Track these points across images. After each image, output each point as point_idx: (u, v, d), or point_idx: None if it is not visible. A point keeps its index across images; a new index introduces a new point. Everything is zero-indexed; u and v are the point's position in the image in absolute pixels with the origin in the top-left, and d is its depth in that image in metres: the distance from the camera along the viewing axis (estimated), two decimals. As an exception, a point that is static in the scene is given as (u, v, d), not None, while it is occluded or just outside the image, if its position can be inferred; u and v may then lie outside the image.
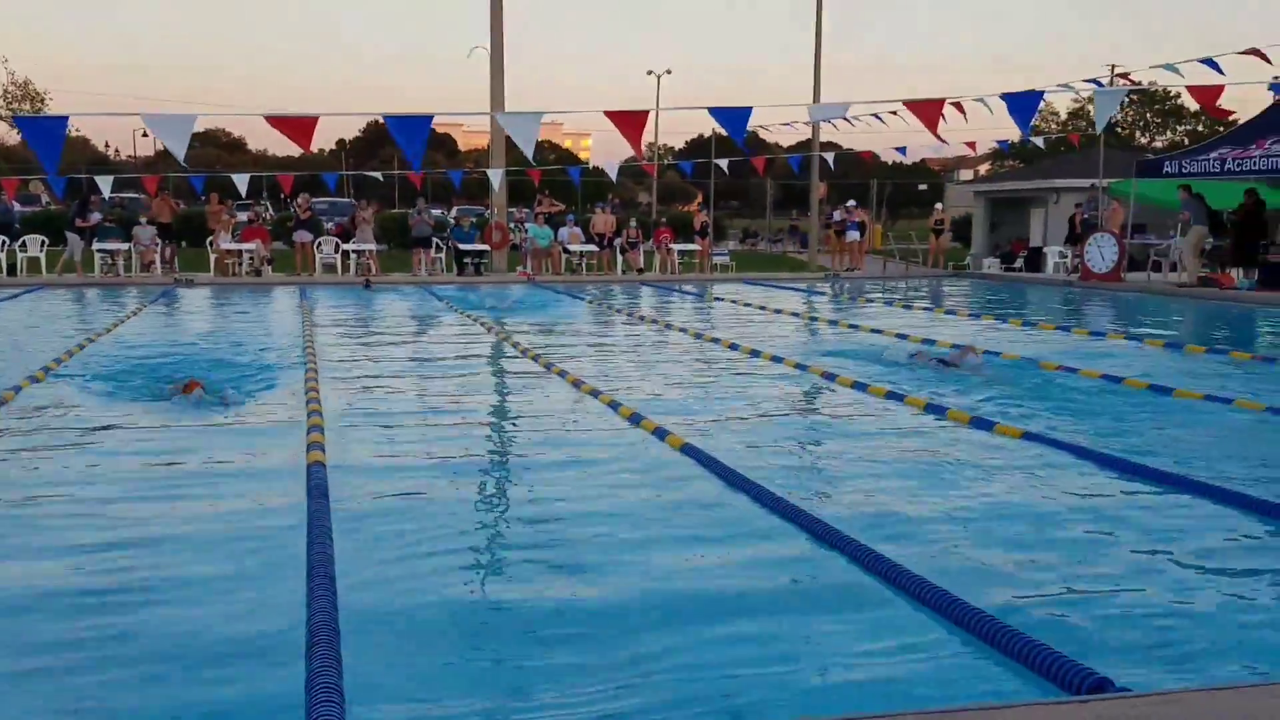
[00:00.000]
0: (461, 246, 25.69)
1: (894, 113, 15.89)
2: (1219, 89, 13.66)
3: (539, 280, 24.35)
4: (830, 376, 10.25)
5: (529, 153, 11.86)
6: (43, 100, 49.34)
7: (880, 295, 21.42)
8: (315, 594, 4.33)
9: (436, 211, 33.14)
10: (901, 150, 22.61)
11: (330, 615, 4.08)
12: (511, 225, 27.72)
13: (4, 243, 23.56)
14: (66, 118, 10.71)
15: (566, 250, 26.78)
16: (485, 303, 18.66)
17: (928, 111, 12.21)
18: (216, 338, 13.72)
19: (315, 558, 4.80)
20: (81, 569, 4.85)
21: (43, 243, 24.21)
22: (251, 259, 24.35)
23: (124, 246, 23.69)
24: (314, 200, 29.49)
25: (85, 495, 6.12)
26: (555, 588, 4.67)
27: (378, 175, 30.48)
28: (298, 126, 11.08)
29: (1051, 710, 2.99)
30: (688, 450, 7.11)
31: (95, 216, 24.18)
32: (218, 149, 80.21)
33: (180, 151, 10.10)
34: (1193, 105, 50.66)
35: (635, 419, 8.16)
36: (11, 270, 23.20)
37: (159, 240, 24.17)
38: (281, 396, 9.34)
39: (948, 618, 4.15)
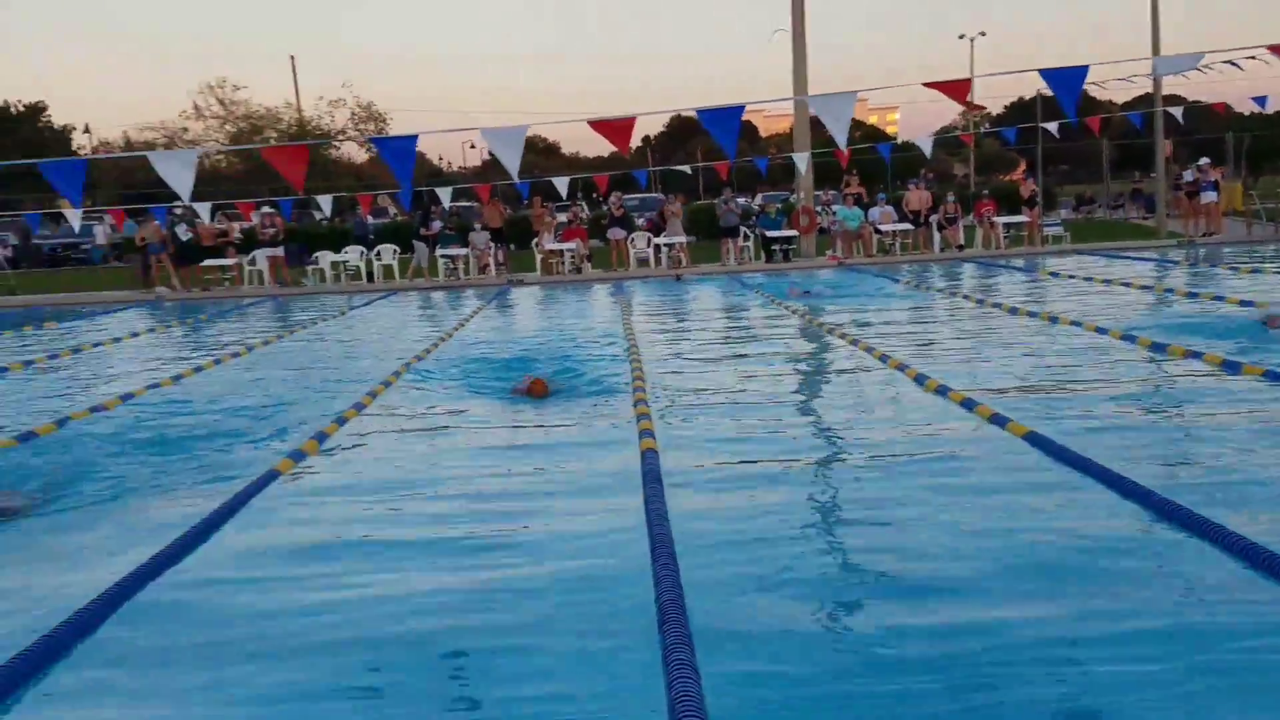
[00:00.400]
0: (769, 234, 25.55)
1: (1252, 58, 14.09)
2: None
3: (849, 263, 23.81)
4: (1195, 354, 9.25)
5: (841, 137, 11.34)
6: (385, 121, 53.70)
7: (1247, 262, 19.25)
8: (661, 573, 4.40)
9: (742, 200, 33.19)
10: (1260, 100, 20.12)
11: (677, 592, 4.14)
12: (819, 209, 27.25)
13: (363, 253, 25.89)
14: (416, 136, 11.37)
15: (878, 231, 26.03)
16: (796, 289, 18.40)
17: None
18: (548, 334, 14.34)
19: (656, 539, 4.90)
20: (444, 566, 5.08)
21: (394, 251, 26.34)
22: (573, 257, 25.38)
23: (463, 252, 25.37)
24: (625, 197, 30.31)
25: (443, 490, 6.48)
26: (893, 597, 4.41)
27: (685, 169, 30.86)
28: (616, 128, 11.31)
29: None
30: (1033, 439, 6.59)
31: (436, 225, 26.04)
32: (535, 154, 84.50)
33: (514, 162, 10.53)
34: None
35: (968, 404, 7.69)
36: (370, 277, 25.42)
37: (492, 244, 25.69)
38: (610, 386, 9.60)
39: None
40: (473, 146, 74.69)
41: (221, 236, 25.53)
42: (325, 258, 25.59)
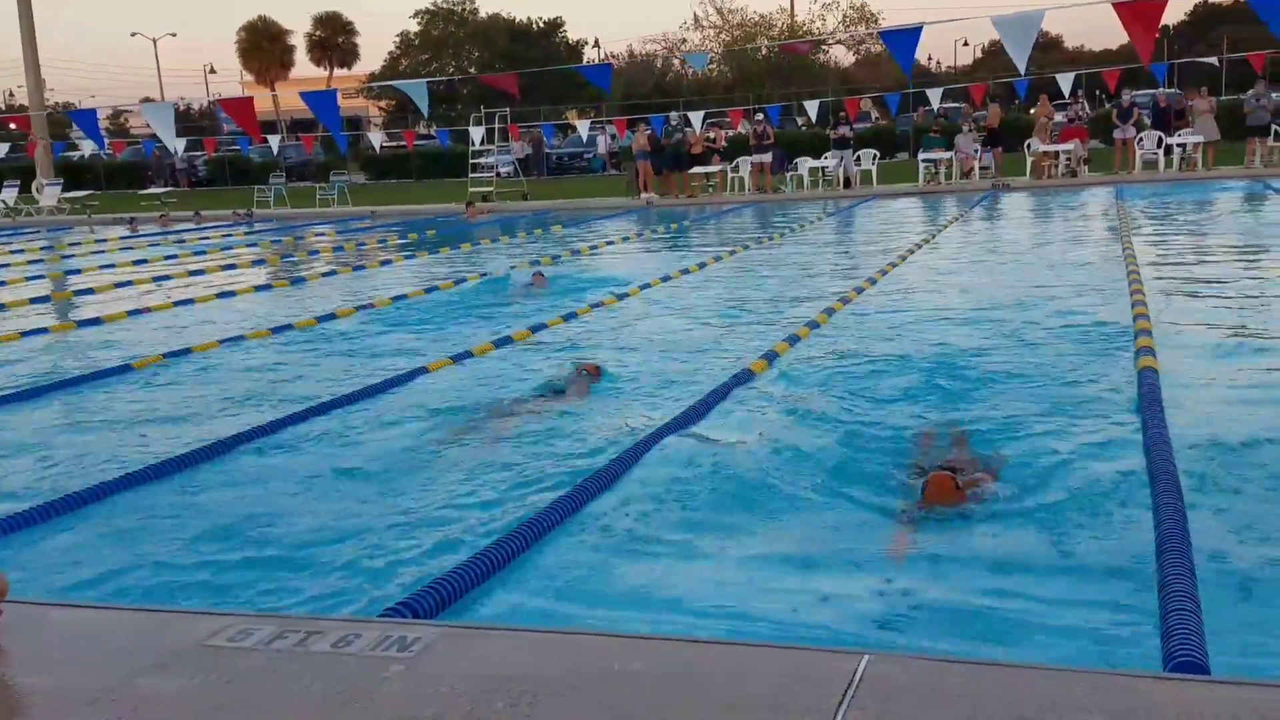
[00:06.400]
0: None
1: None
2: None
3: None
4: None
5: None
6: (876, 21, 52.78)
7: None
8: (1160, 501, 4.03)
9: (1275, 95, 28.69)
10: None
11: (1180, 524, 3.77)
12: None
13: (841, 159, 25.47)
14: (920, 27, 11.05)
15: None
16: None
17: None
18: (1034, 240, 13.34)
19: (1156, 465, 4.46)
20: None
21: (875, 156, 25.76)
22: (1068, 159, 23.43)
23: (945, 155, 24.29)
24: (1135, 94, 27.30)
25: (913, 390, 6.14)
26: None
27: (1211, 60, 27.15)
28: (1143, 11, 10.08)
29: None
30: None
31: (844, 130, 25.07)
32: (1035, 50, 78.68)
33: (1023, 54, 10.03)
34: None
35: None
36: (847, 183, 25.01)
37: (978, 146, 24.33)
38: (1103, 299, 8.73)
39: None
40: (965, 43, 71.14)
41: (709, 143, 26.38)
42: (804, 164, 25.60)
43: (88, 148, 32.24)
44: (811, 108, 27.93)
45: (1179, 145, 22.71)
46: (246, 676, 2.61)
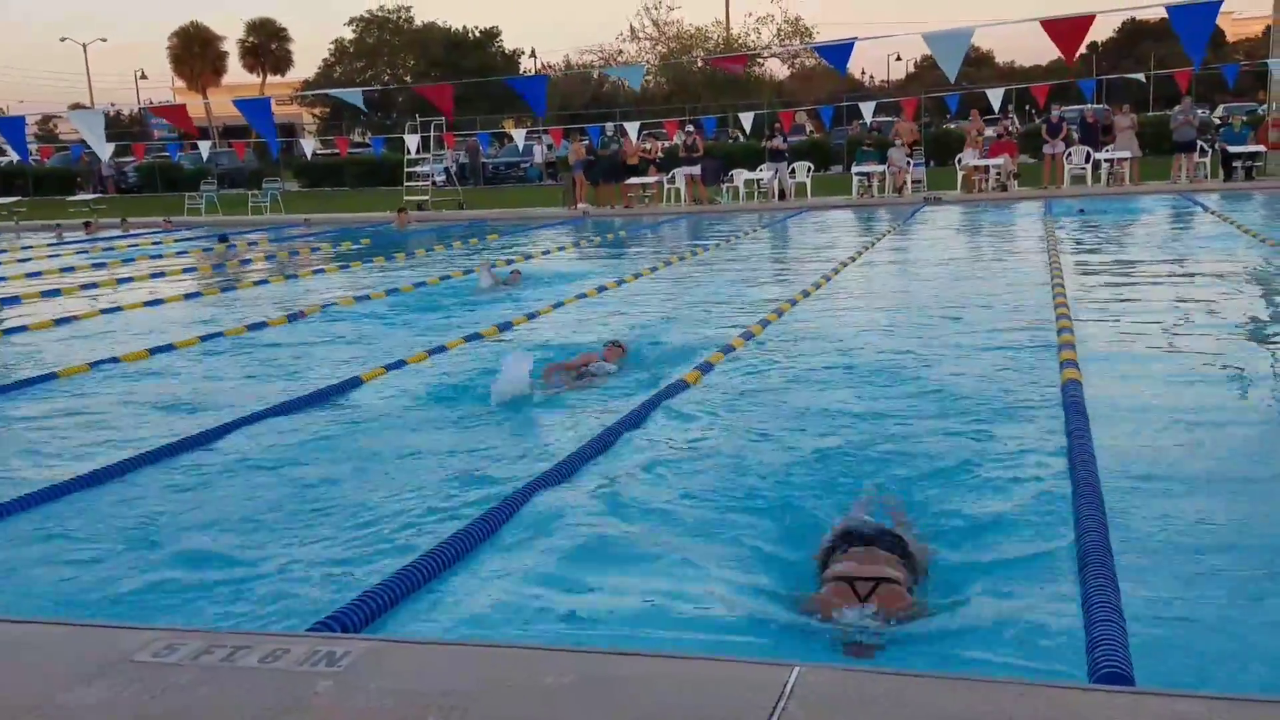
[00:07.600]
0: (1230, 148, 22.65)
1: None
2: None
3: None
4: None
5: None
6: (810, 35, 53.31)
7: None
8: (1083, 513, 4.08)
9: (1201, 112, 29.61)
10: None
11: (1102, 535, 3.83)
12: (1297, 121, 23.61)
13: (776, 171, 25.72)
14: (853, 42, 11.24)
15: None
16: (1260, 211, 16.11)
17: None
18: (963, 255, 13.57)
19: (1080, 477, 4.52)
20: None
21: (809, 169, 26.02)
22: (998, 174, 23.87)
23: (879, 168, 24.60)
24: (1064, 109, 27.92)
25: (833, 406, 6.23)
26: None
27: (1139, 77, 27.82)
28: (1068, 30, 10.26)
29: None
30: None
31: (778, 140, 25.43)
32: (965, 65, 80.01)
33: (954, 68, 10.19)
34: None
35: None
36: (782, 195, 25.28)
37: (909, 160, 24.69)
38: (1029, 312, 8.92)
39: None
40: (898, 58, 72.23)
41: (645, 154, 26.43)
42: (740, 175, 25.79)
43: (15, 153, 31.42)
44: (746, 120, 28.17)
45: (1106, 161, 23.24)
46: (174, 692, 2.56)
